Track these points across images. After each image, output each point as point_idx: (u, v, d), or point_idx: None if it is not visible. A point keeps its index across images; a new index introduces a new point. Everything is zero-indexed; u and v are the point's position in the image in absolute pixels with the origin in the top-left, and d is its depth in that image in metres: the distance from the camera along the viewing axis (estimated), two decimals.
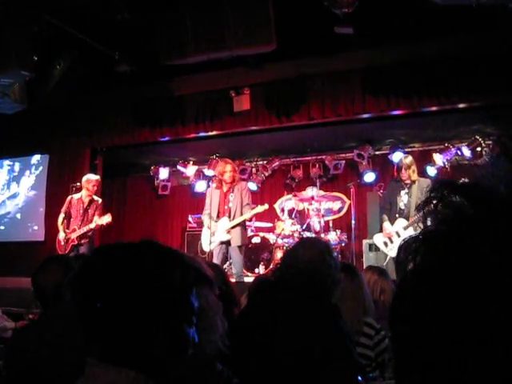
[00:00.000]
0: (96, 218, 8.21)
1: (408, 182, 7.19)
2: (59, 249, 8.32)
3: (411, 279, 0.62)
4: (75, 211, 8.32)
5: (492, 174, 0.63)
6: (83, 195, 8.37)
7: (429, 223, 0.64)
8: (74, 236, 8.20)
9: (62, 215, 8.41)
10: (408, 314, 0.61)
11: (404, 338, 0.61)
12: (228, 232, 7.42)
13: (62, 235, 8.32)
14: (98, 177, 8.64)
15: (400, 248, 0.65)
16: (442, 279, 0.57)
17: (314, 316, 2.42)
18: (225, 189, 7.59)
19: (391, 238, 7.08)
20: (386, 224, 7.16)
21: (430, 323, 0.57)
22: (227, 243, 7.48)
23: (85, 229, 8.17)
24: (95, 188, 8.44)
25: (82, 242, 8.19)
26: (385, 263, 7.11)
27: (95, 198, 8.47)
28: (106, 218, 8.12)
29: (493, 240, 0.56)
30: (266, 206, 7.98)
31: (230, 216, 7.47)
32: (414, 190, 7.11)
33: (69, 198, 8.46)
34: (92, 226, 8.14)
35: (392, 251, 7.07)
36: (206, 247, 7.66)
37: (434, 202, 0.63)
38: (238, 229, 7.48)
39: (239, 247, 7.51)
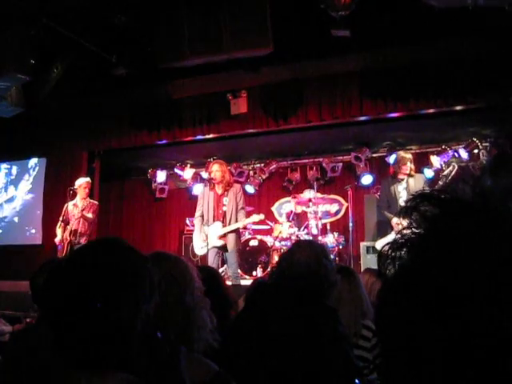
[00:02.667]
0: (90, 215, 8.38)
1: (403, 177, 7.20)
2: (60, 252, 8.38)
3: (391, 283, 0.67)
4: (72, 216, 8.43)
5: (461, 181, 0.67)
6: (78, 200, 8.52)
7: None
8: (66, 235, 8.31)
9: (60, 223, 8.50)
10: (391, 316, 0.64)
11: (389, 340, 0.64)
12: (220, 238, 7.39)
13: (57, 238, 8.41)
14: (87, 179, 8.70)
15: (379, 255, 0.69)
16: (417, 281, 0.61)
17: (312, 318, 2.42)
18: (219, 191, 7.53)
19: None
20: (396, 219, 7.08)
21: (412, 324, 0.59)
22: (221, 248, 7.46)
23: (75, 224, 8.32)
24: (87, 190, 8.54)
25: (81, 241, 8.24)
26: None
27: (91, 201, 8.61)
28: (88, 215, 8.36)
29: (457, 240, 0.60)
30: (262, 216, 7.93)
31: (224, 221, 7.43)
32: (411, 185, 7.12)
33: (65, 205, 8.53)
34: (75, 223, 8.29)
35: None
36: (198, 251, 7.65)
37: (409, 211, 0.68)
38: (234, 234, 7.46)
39: (235, 252, 7.51)
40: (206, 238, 7.39)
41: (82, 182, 8.53)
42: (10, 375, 2.67)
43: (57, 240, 8.43)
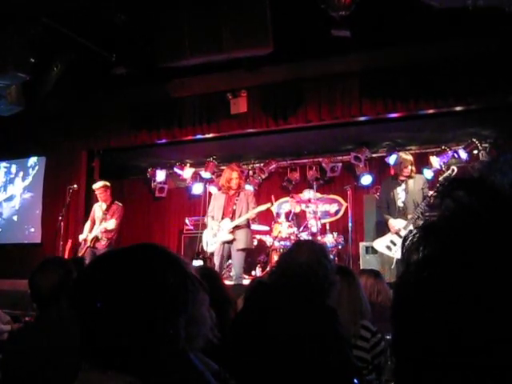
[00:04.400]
0: (112, 221, 8.43)
1: (404, 178, 7.20)
2: (79, 250, 8.58)
3: (415, 269, 0.63)
4: (97, 217, 8.61)
5: (497, 169, 0.64)
6: (101, 202, 8.69)
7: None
8: (89, 237, 8.46)
9: (88, 222, 8.72)
10: (412, 303, 0.61)
11: (407, 329, 0.62)
12: (230, 232, 7.41)
13: (81, 236, 8.60)
14: (100, 184, 8.72)
15: (405, 239, 0.66)
16: (444, 268, 0.59)
17: (310, 319, 2.42)
18: (231, 193, 7.63)
19: (399, 233, 7.01)
20: (392, 221, 7.10)
21: (434, 312, 0.57)
22: (230, 243, 7.47)
23: (97, 231, 8.42)
24: (102, 195, 8.63)
25: (97, 245, 8.33)
26: (393, 266, 7.06)
27: (115, 203, 8.75)
28: (110, 224, 8.36)
29: (491, 233, 0.57)
30: (269, 205, 7.96)
31: (233, 218, 7.47)
32: (410, 186, 7.13)
33: (94, 206, 8.78)
34: (97, 231, 8.40)
35: (398, 253, 6.98)
36: (207, 247, 7.68)
37: (440, 196, 0.65)
38: (244, 231, 7.48)
39: (243, 250, 7.48)
40: (216, 230, 7.49)
41: (95, 188, 8.66)
42: (10, 374, 2.67)
43: (81, 237, 8.58)
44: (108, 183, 8.82)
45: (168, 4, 7.03)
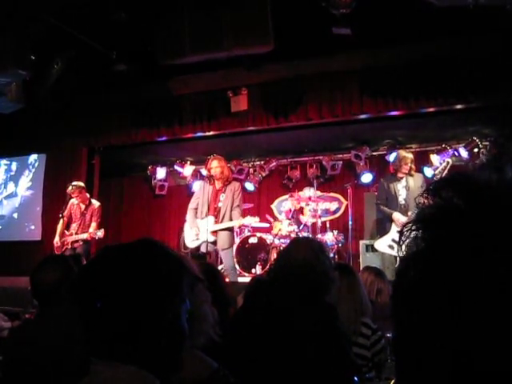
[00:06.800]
0: (93, 225, 8.31)
1: (402, 175, 7.20)
2: (56, 250, 8.41)
3: (407, 260, 0.66)
4: (74, 215, 8.48)
5: (491, 167, 0.66)
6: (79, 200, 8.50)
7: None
8: (69, 240, 8.33)
9: (61, 221, 8.51)
10: (410, 297, 0.64)
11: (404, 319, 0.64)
12: (212, 233, 7.33)
13: (56, 239, 8.42)
14: (73, 185, 8.46)
15: (400, 232, 0.69)
16: (430, 261, 0.61)
17: (310, 316, 2.42)
18: (217, 186, 7.49)
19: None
20: (397, 214, 7.07)
21: (427, 301, 0.59)
22: (213, 243, 7.38)
23: (79, 236, 8.28)
24: (78, 197, 8.45)
25: (76, 245, 8.26)
26: (397, 265, 7.03)
27: (93, 201, 8.60)
28: (98, 233, 8.18)
29: (473, 229, 0.59)
30: (257, 219, 7.85)
31: (217, 217, 7.39)
32: (411, 184, 7.13)
33: (70, 202, 8.53)
34: (84, 236, 8.24)
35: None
36: (189, 243, 7.61)
37: (429, 195, 0.67)
38: (226, 232, 7.36)
39: (227, 249, 7.41)
40: (198, 231, 7.38)
41: (70, 190, 8.40)
42: (10, 371, 2.67)
43: (55, 240, 8.42)
44: (82, 184, 8.63)
45: (169, 1, 7.03)
